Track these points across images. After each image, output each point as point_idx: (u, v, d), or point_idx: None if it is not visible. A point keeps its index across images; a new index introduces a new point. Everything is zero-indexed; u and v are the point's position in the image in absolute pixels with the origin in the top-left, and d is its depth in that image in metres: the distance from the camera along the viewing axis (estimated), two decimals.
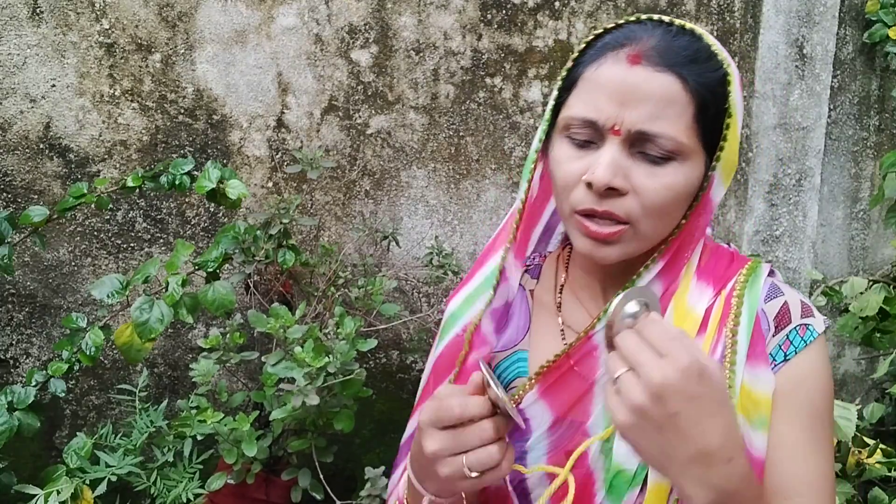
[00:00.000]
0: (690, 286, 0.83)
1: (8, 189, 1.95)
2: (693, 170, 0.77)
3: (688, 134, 0.75)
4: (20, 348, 2.02)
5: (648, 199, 0.75)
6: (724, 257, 0.87)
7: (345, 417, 1.59)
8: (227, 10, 1.96)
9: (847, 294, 1.87)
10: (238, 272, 1.77)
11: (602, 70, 0.77)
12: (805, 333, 0.80)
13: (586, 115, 0.76)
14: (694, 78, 0.75)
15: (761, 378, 0.78)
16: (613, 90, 0.75)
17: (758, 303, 0.80)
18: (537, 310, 0.94)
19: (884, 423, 1.98)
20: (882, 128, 2.38)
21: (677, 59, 0.76)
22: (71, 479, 1.51)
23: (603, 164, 0.74)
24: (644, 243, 0.79)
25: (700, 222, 0.81)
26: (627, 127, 0.74)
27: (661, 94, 0.74)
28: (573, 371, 0.84)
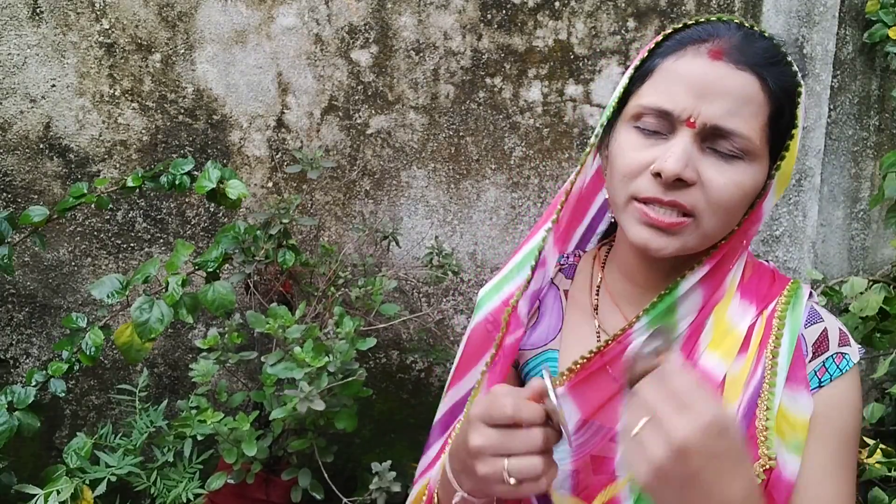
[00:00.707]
0: (733, 302, 0.83)
1: (8, 189, 1.95)
2: (759, 173, 0.77)
3: (760, 136, 0.75)
4: (20, 348, 2.02)
5: (716, 193, 0.75)
6: (766, 275, 0.87)
7: (346, 417, 1.59)
8: (227, 10, 1.96)
9: (847, 294, 1.87)
10: (238, 272, 1.77)
11: (682, 62, 0.77)
12: (841, 362, 0.81)
13: (662, 104, 0.76)
14: (773, 80, 0.76)
15: (800, 402, 0.78)
16: (692, 82, 0.75)
17: (799, 326, 0.81)
18: (571, 310, 0.92)
19: (884, 423, 1.98)
20: (882, 128, 2.38)
21: (758, 59, 0.76)
22: (71, 479, 1.51)
23: (676, 154, 0.74)
24: (701, 241, 0.78)
25: (751, 231, 0.81)
26: (703, 120, 0.74)
27: (740, 92, 0.74)
28: (605, 371, 0.83)
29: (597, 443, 0.82)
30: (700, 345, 0.81)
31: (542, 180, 2.11)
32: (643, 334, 0.80)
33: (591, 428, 0.83)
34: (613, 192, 0.81)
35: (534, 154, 2.10)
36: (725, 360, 0.80)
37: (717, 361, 0.80)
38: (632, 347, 0.68)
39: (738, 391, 0.78)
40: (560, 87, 2.08)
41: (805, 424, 0.78)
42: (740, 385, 0.78)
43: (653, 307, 0.81)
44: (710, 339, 0.81)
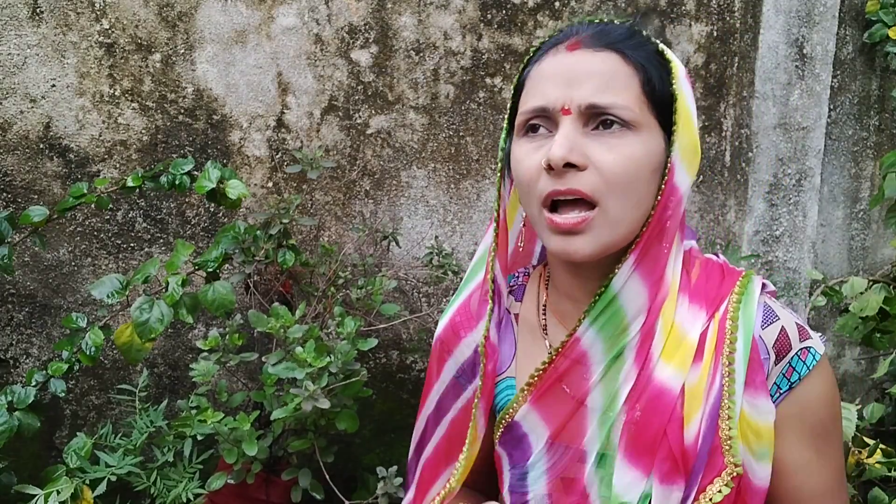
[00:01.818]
0: (681, 306, 0.81)
1: (8, 189, 1.95)
2: (650, 143, 0.76)
3: (638, 105, 0.76)
4: (20, 348, 2.02)
5: (609, 170, 0.74)
6: (715, 274, 0.84)
7: (348, 417, 1.59)
8: (227, 10, 1.96)
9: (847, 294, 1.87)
10: (238, 272, 1.77)
11: (545, 63, 0.79)
12: (807, 357, 0.79)
13: (537, 103, 0.77)
14: (632, 52, 0.77)
15: (761, 408, 0.77)
16: (557, 75, 0.77)
17: (753, 328, 0.79)
18: (522, 333, 0.92)
19: (884, 423, 1.98)
20: (882, 128, 2.38)
21: (614, 38, 0.78)
22: (71, 479, 1.51)
23: (558, 142, 0.74)
24: (614, 231, 0.76)
25: (668, 212, 0.78)
26: (577, 103, 0.75)
27: (603, 69, 0.76)
28: (560, 388, 0.82)
29: (565, 464, 0.82)
30: (653, 353, 0.80)
31: None
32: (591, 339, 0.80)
33: (559, 447, 0.83)
34: (527, 208, 0.81)
35: None
36: (681, 370, 0.78)
37: (673, 372, 0.79)
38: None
39: (698, 402, 0.77)
40: None
41: (769, 430, 0.77)
42: (700, 395, 0.77)
43: (592, 307, 0.80)
44: (663, 346, 0.80)
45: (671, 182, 0.78)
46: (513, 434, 0.87)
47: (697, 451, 0.76)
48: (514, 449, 0.87)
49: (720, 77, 2.21)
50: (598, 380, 0.81)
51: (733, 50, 2.20)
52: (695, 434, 0.76)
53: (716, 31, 2.18)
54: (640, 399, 0.79)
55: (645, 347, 0.80)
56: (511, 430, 0.87)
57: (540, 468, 0.84)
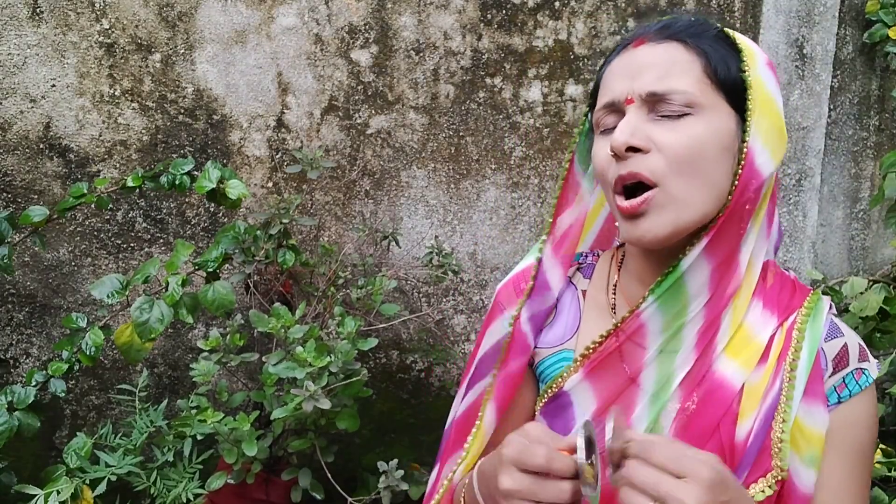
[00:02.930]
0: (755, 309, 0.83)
1: (8, 189, 1.95)
2: (716, 122, 0.77)
3: (700, 87, 0.76)
4: (20, 348, 2.02)
5: (670, 149, 0.75)
6: (787, 285, 0.87)
7: (348, 417, 1.59)
8: (227, 10, 1.96)
9: (847, 294, 1.87)
10: (238, 272, 1.77)
11: (613, 63, 0.82)
12: (861, 378, 0.81)
13: (607, 99, 0.80)
14: (694, 40, 0.78)
15: (816, 416, 0.79)
16: (623, 71, 0.79)
17: (819, 340, 0.81)
18: (588, 309, 0.93)
19: (884, 423, 1.98)
20: (882, 128, 2.38)
21: (676, 30, 0.80)
22: (71, 479, 1.51)
23: (620, 128, 0.76)
24: (682, 211, 0.76)
25: (748, 194, 0.78)
26: (638, 93, 0.77)
27: (663, 58, 0.77)
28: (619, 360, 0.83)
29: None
30: (716, 345, 0.81)
31: (542, 180, 2.11)
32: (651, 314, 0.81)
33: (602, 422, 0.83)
34: (608, 201, 0.83)
35: (534, 154, 2.10)
36: (745, 368, 0.80)
37: (737, 369, 0.80)
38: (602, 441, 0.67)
39: (755, 402, 0.79)
40: (560, 87, 2.08)
41: (821, 438, 0.78)
42: (758, 396, 0.79)
43: (658, 285, 0.80)
44: (728, 342, 0.81)
45: (749, 164, 0.77)
46: (558, 403, 0.87)
47: (747, 448, 0.77)
48: (556, 419, 0.87)
49: None
50: (652, 357, 0.81)
51: None
52: (746, 432, 0.78)
53: None
54: (697, 388, 0.80)
55: (707, 337, 0.81)
56: (557, 399, 0.87)
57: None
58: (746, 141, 0.77)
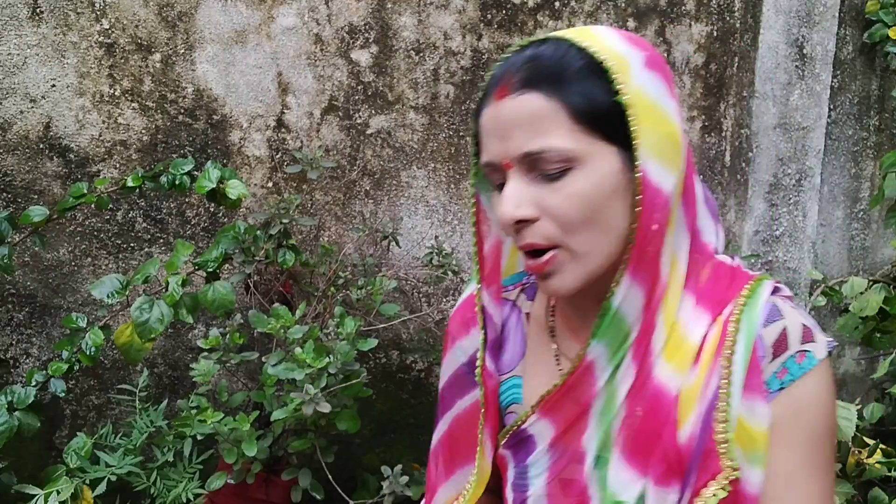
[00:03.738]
0: (688, 308, 0.79)
1: (8, 189, 1.95)
2: (597, 169, 0.73)
3: (572, 138, 0.72)
4: (20, 348, 2.02)
5: (559, 214, 0.73)
6: (724, 277, 0.82)
7: (348, 417, 1.59)
8: (227, 10, 1.96)
9: (847, 294, 1.87)
10: (238, 272, 1.77)
11: (483, 117, 0.79)
12: (803, 360, 0.76)
13: (485, 159, 0.78)
14: (553, 88, 0.73)
15: (757, 412, 0.75)
16: (494, 130, 0.76)
17: (755, 328, 0.76)
18: (533, 333, 0.92)
19: (884, 423, 1.98)
20: (882, 128, 2.38)
21: (536, 75, 0.74)
22: (71, 479, 1.51)
23: (504, 201, 0.74)
24: (588, 263, 0.75)
25: (655, 215, 0.75)
26: (513, 155, 0.74)
27: (527, 114, 0.73)
28: (568, 397, 0.82)
29: (564, 464, 0.82)
30: (653, 348, 0.78)
31: None
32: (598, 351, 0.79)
33: (559, 447, 0.83)
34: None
35: None
36: (680, 371, 0.77)
37: (672, 373, 0.77)
38: None
39: (692, 404, 0.75)
40: None
41: (764, 435, 0.74)
42: (694, 398, 0.75)
43: (597, 329, 0.78)
44: (664, 344, 0.78)
45: (648, 188, 0.74)
46: (518, 437, 0.88)
47: (691, 453, 0.75)
48: (519, 449, 0.88)
49: (720, 77, 2.21)
50: (603, 385, 0.80)
51: (733, 50, 2.20)
52: (688, 436, 0.75)
53: (716, 31, 2.18)
54: (639, 397, 0.78)
55: (643, 343, 0.78)
56: (517, 436, 0.88)
57: (541, 466, 0.85)
58: (638, 165, 0.73)
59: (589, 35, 0.76)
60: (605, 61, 0.73)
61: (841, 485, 1.52)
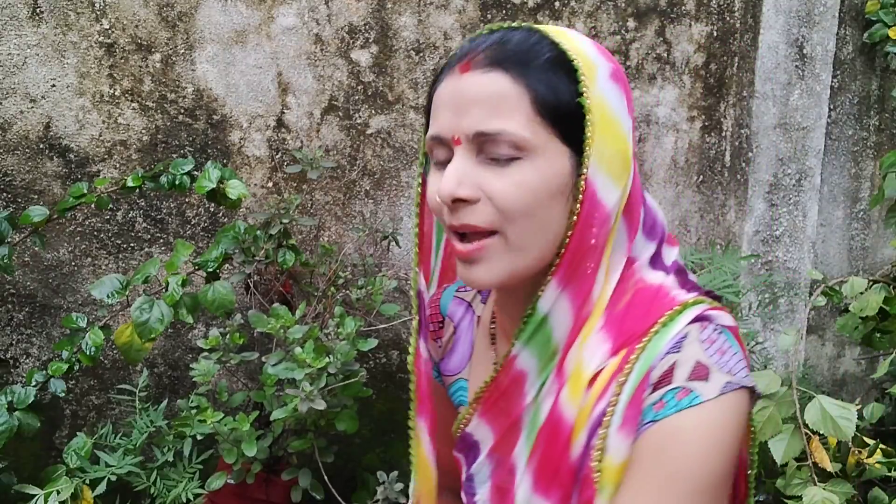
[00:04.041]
0: (594, 331, 0.74)
1: (8, 189, 1.95)
2: (548, 167, 0.71)
3: (531, 128, 0.70)
4: (20, 348, 2.02)
5: (501, 200, 0.70)
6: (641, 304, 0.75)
7: (347, 418, 1.59)
8: (227, 10, 1.96)
9: (847, 294, 1.87)
10: (238, 272, 1.77)
11: (440, 87, 0.75)
12: (684, 398, 0.67)
13: (433, 133, 0.74)
14: (520, 71, 0.71)
15: (619, 447, 0.69)
16: (448, 101, 0.73)
17: (654, 359, 0.70)
18: (479, 337, 0.92)
19: (884, 423, 1.98)
20: (882, 128, 2.38)
21: (504, 55, 0.71)
22: (71, 479, 1.51)
23: (446, 176, 0.71)
24: (518, 258, 0.72)
25: (592, 229, 0.72)
26: (465, 132, 0.71)
27: (489, 93, 0.70)
28: (501, 401, 0.80)
29: (500, 475, 0.82)
30: (565, 370, 0.75)
31: None
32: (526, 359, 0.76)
33: (495, 459, 0.82)
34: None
35: None
36: (573, 401, 0.73)
37: (568, 401, 0.73)
38: None
39: (580, 431, 0.72)
40: None
41: (617, 470, 0.69)
42: (584, 423, 0.72)
43: (521, 332, 0.75)
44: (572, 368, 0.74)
45: (591, 199, 0.71)
46: (466, 442, 0.87)
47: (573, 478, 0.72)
48: (468, 454, 0.88)
49: (720, 77, 2.21)
50: (531, 400, 0.77)
51: (733, 50, 2.20)
52: (573, 460, 0.72)
53: (716, 31, 2.18)
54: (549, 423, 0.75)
55: (562, 365, 0.75)
56: (464, 440, 0.87)
57: (484, 474, 0.84)
58: (584, 174, 0.71)
59: (562, 33, 0.75)
60: (574, 60, 0.72)
61: (841, 485, 1.52)
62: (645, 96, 2.18)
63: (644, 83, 2.18)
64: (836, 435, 1.43)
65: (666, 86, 2.19)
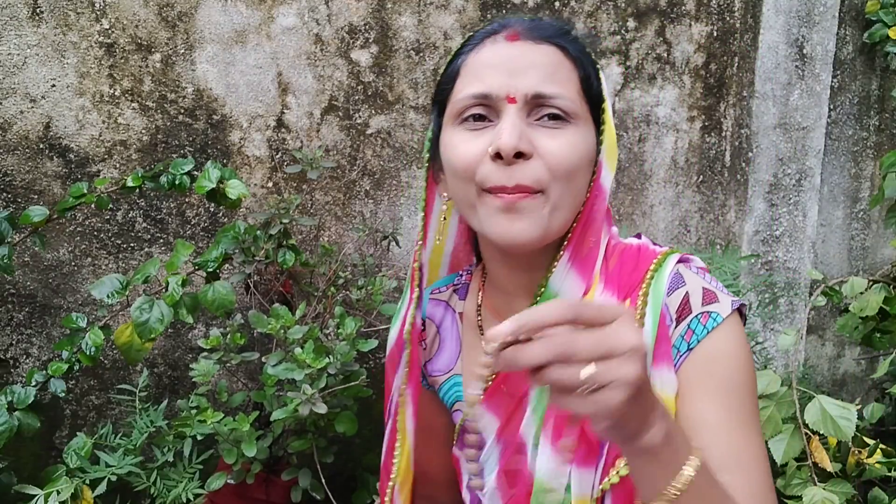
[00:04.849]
0: (596, 294, 0.81)
1: (8, 189, 1.95)
2: (588, 137, 0.78)
3: (578, 98, 0.78)
4: (20, 348, 2.02)
5: (554, 159, 0.75)
6: (629, 261, 0.83)
7: (347, 419, 1.59)
8: (227, 10, 1.96)
9: (847, 294, 1.87)
10: (238, 272, 1.77)
11: (483, 52, 0.79)
12: (707, 321, 0.77)
13: (478, 90, 0.77)
14: (572, 48, 0.79)
15: (665, 380, 0.76)
16: (499, 64, 0.77)
17: (661, 298, 0.78)
18: (466, 331, 0.94)
19: (884, 423, 1.98)
20: (882, 128, 2.38)
21: (552, 32, 0.79)
22: (71, 479, 1.51)
23: (507, 130, 0.73)
24: (555, 217, 0.76)
25: (596, 208, 0.80)
26: (524, 92, 0.75)
27: (547, 61, 0.76)
28: (501, 390, 0.84)
29: (509, 457, 0.84)
30: None
31: None
32: None
33: (502, 442, 0.85)
34: (461, 194, 0.80)
35: None
36: None
37: None
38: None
39: None
40: None
41: (670, 403, 0.75)
42: None
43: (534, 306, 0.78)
44: None
45: (599, 180, 0.80)
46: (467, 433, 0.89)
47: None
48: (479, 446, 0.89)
49: (720, 77, 2.21)
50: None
51: (733, 50, 2.20)
52: None
53: (716, 31, 2.18)
54: None
55: None
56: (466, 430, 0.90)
57: (492, 461, 0.86)
58: (600, 151, 0.80)
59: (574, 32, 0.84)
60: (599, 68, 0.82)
61: (841, 485, 1.52)
62: (645, 96, 2.18)
63: (644, 83, 2.18)
64: (836, 435, 1.43)
65: (666, 86, 2.19)
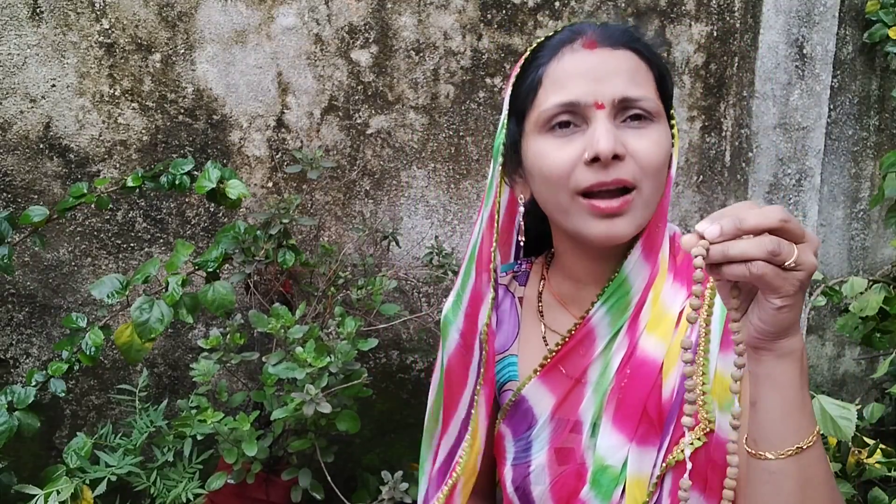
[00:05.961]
0: (666, 284, 0.87)
1: (8, 189, 1.95)
2: (667, 133, 0.83)
3: (657, 99, 0.82)
4: (20, 348, 2.02)
5: (645, 158, 0.79)
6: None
7: (348, 418, 1.59)
8: (227, 10, 1.96)
9: (847, 294, 1.87)
10: (238, 272, 1.77)
11: (564, 62, 0.82)
12: None
13: (567, 99, 0.81)
14: (646, 50, 0.83)
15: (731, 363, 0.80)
16: (583, 73, 0.81)
17: None
18: (525, 315, 0.98)
19: (884, 423, 1.98)
20: (882, 128, 2.38)
21: (625, 37, 0.83)
22: (71, 479, 1.51)
23: (603, 135, 0.78)
24: (646, 212, 0.82)
25: (666, 200, 0.85)
26: (610, 97, 0.79)
27: (627, 66, 0.81)
28: (559, 371, 0.88)
29: (563, 435, 0.88)
30: (640, 324, 0.86)
31: None
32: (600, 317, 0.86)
33: (557, 421, 0.89)
34: (551, 199, 0.84)
35: None
36: (663, 340, 0.84)
37: (656, 343, 0.84)
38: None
39: (673, 364, 0.82)
40: None
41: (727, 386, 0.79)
42: (676, 358, 0.82)
43: (605, 291, 0.86)
44: (649, 319, 0.86)
45: (671, 172, 0.85)
46: (518, 408, 0.93)
47: (671, 406, 0.81)
48: (519, 423, 0.93)
49: (720, 77, 2.21)
50: (597, 355, 0.87)
51: (733, 50, 2.20)
52: (670, 391, 0.81)
53: (716, 31, 2.18)
54: (626, 368, 0.85)
55: (635, 321, 0.86)
56: (517, 405, 0.93)
57: (543, 439, 0.90)
58: (674, 145, 0.85)
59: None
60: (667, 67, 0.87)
61: (841, 485, 1.52)
62: None
63: None
64: (836, 435, 1.43)
65: None
